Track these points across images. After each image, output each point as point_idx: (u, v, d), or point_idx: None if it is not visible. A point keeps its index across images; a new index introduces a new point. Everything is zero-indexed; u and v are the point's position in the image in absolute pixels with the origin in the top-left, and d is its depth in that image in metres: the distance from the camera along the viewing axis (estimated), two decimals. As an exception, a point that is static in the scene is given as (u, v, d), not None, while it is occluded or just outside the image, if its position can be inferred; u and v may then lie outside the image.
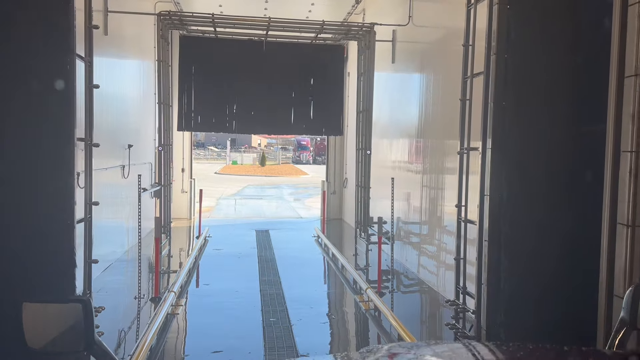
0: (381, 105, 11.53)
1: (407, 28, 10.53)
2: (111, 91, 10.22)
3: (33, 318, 1.93)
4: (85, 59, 5.25)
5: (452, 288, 8.50)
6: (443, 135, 9.04)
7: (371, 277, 9.83)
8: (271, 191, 29.88)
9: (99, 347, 1.95)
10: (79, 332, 1.90)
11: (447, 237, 8.86)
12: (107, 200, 9.91)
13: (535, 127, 4.54)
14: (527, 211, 4.46)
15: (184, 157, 16.48)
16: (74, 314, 1.91)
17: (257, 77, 12.78)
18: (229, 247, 12.40)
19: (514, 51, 4.76)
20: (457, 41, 8.69)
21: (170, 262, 11.00)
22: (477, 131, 5.67)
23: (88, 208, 5.37)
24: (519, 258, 4.50)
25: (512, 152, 4.65)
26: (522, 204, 4.50)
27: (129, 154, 11.16)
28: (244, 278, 9.52)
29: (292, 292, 8.49)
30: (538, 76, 4.62)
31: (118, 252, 10.54)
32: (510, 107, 4.76)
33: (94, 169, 9.02)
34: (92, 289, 5.79)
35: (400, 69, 11.33)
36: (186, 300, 8.04)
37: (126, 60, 11.63)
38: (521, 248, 4.51)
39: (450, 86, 8.71)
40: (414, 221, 10.39)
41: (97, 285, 7.29)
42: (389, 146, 12.01)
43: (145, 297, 8.08)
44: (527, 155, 4.56)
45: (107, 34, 9.48)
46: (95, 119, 9.26)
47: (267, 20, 10.70)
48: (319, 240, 13.26)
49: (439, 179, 9.26)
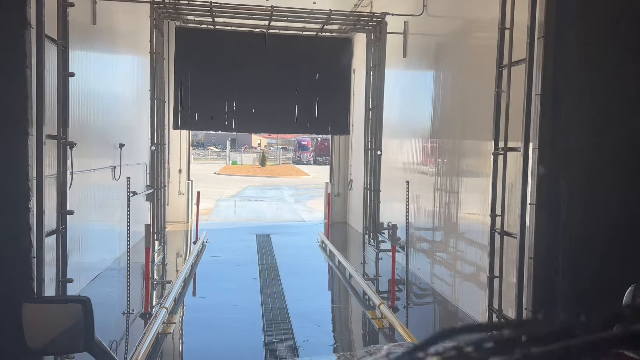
0: (391, 103, 10.75)
1: (421, 19, 9.76)
2: (101, 85, 9.48)
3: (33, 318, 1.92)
4: (58, 42, 4.46)
5: (470, 300, 7.80)
6: (460, 134, 8.31)
7: (381, 288, 9.10)
8: (272, 192, 29.16)
9: (99, 347, 1.92)
10: (79, 332, 1.89)
11: (463, 244, 8.14)
12: (95, 203, 9.19)
13: (598, 122, 3.74)
14: (591, 224, 3.66)
15: (181, 158, 15.70)
16: (74, 314, 1.90)
17: (259, 72, 11.94)
18: (227, 254, 11.61)
19: (568, 32, 3.97)
20: (478, 33, 7.96)
21: (164, 271, 10.22)
22: (515, 129, 4.89)
23: (61, 218, 4.55)
24: (578, 280, 3.71)
25: (568, 153, 3.85)
26: (583, 215, 3.70)
27: (121, 154, 10.40)
28: (243, 290, 8.74)
29: (297, 307, 7.72)
30: (599, 60, 3.83)
31: (108, 260, 9.77)
32: (565, 99, 3.96)
33: (81, 170, 8.38)
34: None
35: (413, 63, 10.54)
36: (180, 316, 7.27)
37: (119, 54, 10.87)
38: (583, 269, 3.71)
39: (468, 82, 7.98)
40: (426, 227, 9.62)
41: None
42: (398, 146, 11.24)
43: (135, 312, 7.30)
44: (589, 156, 3.76)
45: (96, 23, 8.70)
46: (82, 115, 8.62)
47: (269, 9, 9.90)
48: (323, 246, 12.49)
49: (454, 181, 8.51)
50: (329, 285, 9.98)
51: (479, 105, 7.59)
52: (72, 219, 7.96)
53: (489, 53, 7.31)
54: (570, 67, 4.01)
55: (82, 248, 8.69)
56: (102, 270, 9.37)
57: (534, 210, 4.23)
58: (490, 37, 7.45)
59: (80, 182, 8.35)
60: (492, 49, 7.26)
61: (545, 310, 3.83)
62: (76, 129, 8.21)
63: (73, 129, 8.10)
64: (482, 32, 7.81)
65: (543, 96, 4.17)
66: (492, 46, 7.28)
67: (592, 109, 3.81)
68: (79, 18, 8.13)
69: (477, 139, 7.80)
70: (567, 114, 3.88)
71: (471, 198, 7.82)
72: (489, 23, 7.44)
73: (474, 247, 7.74)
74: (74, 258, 8.38)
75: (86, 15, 8.44)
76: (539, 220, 4.18)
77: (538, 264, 4.18)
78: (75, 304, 1.93)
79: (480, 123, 7.53)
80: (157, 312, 6.72)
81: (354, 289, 8.85)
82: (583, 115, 3.88)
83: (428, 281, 9.19)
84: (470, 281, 7.82)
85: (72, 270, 8.12)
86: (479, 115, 7.56)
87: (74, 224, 8.15)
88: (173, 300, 7.41)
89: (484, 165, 7.26)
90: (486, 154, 7.23)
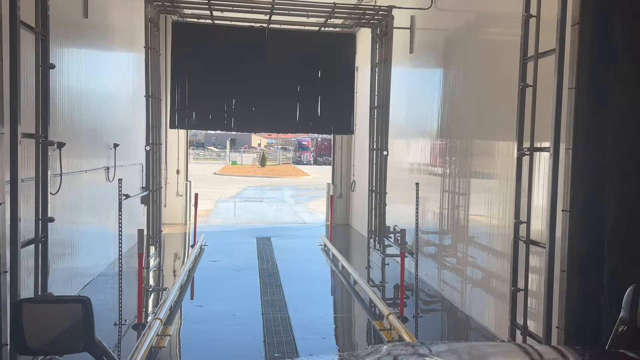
0: (396, 102, 10.30)
1: (429, 12, 9.31)
2: (93, 83, 9.04)
3: (33, 318, 1.92)
4: (37, 29, 4.00)
5: (483, 310, 7.36)
6: (470, 134, 7.90)
7: (387, 294, 8.67)
8: (272, 193, 28.75)
9: (99, 347, 1.94)
10: (79, 332, 1.91)
11: (473, 249, 7.71)
12: (88, 205, 8.75)
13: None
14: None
15: (179, 158, 15.25)
16: (74, 314, 1.91)
17: (259, 69, 11.46)
18: (226, 258, 11.16)
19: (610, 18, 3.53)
20: (492, 27, 7.52)
21: (160, 277, 9.78)
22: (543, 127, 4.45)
23: (41, 226, 4.10)
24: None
25: (610, 154, 3.41)
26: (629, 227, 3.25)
27: (115, 154, 9.97)
28: (243, 297, 8.29)
29: (300, 316, 7.27)
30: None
31: (101, 265, 9.34)
32: (604, 94, 3.52)
33: (71, 172, 7.94)
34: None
35: (420, 60, 10.09)
36: (175, 327, 6.82)
37: (114, 51, 10.44)
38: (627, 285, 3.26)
39: (481, 79, 7.55)
40: (434, 230, 9.18)
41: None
42: (404, 146, 10.80)
43: (128, 322, 6.85)
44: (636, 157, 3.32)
45: (88, 17, 8.25)
46: (73, 113, 8.17)
47: (270, 2, 9.43)
48: (325, 249, 12.05)
49: (463, 182, 8.09)
50: (333, 292, 9.53)
51: (492, 103, 7.16)
52: (63, 223, 7.62)
53: (503, 49, 6.90)
54: (609, 57, 3.57)
55: (74, 253, 8.27)
56: (94, 276, 8.93)
57: (567, 218, 3.78)
58: (504, 33, 7.04)
59: (72, 184, 7.93)
60: (506, 45, 6.86)
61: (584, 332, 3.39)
62: (66, 128, 7.79)
63: (63, 128, 7.74)
64: (496, 27, 7.39)
65: (578, 91, 3.72)
66: (507, 42, 6.88)
67: (638, 104, 3.36)
68: (68, 10, 7.70)
69: (486, 138, 7.38)
70: (607, 110, 3.43)
71: (480, 198, 7.40)
72: (504, 16, 7.03)
73: (486, 253, 7.32)
74: (65, 263, 7.97)
75: (76, 7, 8.00)
76: (574, 229, 3.74)
77: (573, 279, 3.74)
78: (75, 304, 1.94)
79: (493, 122, 7.11)
80: (151, 323, 6.29)
81: (359, 296, 8.41)
82: (626, 111, 3.43)
83: (436, 287, 8.76)
84: (481, 288, 7.40)
85: (62, 277, 7.77)
86: (493, 114, 7.13)
87: (65, 227, 7.79)
88: (169, 309, 6.97)
89: (499, 166, 6.83)
90: (501, 155, 6.80)
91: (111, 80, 10.16)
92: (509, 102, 6.61)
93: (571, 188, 3.73)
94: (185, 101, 11.62)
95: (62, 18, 7.39)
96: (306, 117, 12.10)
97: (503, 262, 6.44)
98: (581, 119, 3.71)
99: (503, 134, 6.69)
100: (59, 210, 7.46)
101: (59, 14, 7.29)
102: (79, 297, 1.95)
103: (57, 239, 7.47)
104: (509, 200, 6.41)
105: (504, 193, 6.54)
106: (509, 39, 6.83)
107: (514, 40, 6.59)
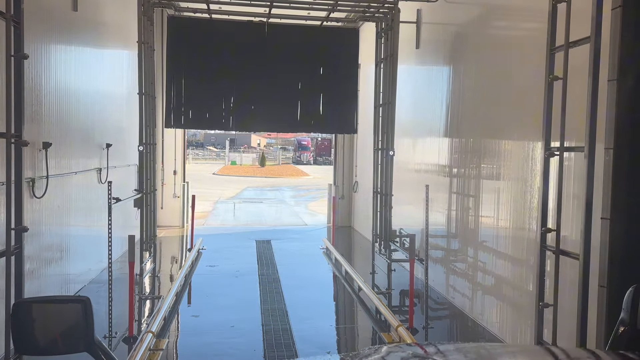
0: (402, 99, 9.85)
1: (437, 6, 8.88)
2: (84, 81, 8.59)
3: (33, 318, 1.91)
4: (7, 15, 3.55)
5: (490, 315, 6.93)
6: (480, 133, 7.48)
7: (394, 302, 8.23)
8: (271, 193, 28.35)
9: (99, 347, 1.93)
10: (79, 332, 1.89)
11: (483, 254, 7.28)
12: (78, 207, 8.32)
13: None
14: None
15: (176, 158, 14.78)
16: (74, 314, 1.90)
17: (258, 65, 10.99)
18: (225, 263, 10.71)
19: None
20: (504, 21, 7.09)
21: (155, 284, 9.35)
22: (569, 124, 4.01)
23: (14, 236, 3.64)
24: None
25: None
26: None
27: (108, 155, 9.53)
28: (242, 306, 7.84)
29: (302, 328, 6.84)
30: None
31: (93, 271, 8.91)
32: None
33: (60, 174, 7.51)
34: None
35: (427, 56, 9.65)
36: (171, 340, 6.38)
37: (107, 48, 9.99)
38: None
39: (492, 75, 7.12)
40: (441, 234, 8.75)
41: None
42: (409, 146, 10.36)
43: (119, 334, 6.42)
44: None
45: (77, 10, 7.81)
46: (61, 113, 7.70)
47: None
48: (327, 253, 11.61)
49: (473, 184, 7.66)
50: (337, 300, 9.08)
51: (505, 100, 6.72)
52: (50, 226, 7.18)
53: (517, 43, 6.48)
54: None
55: (63, 258, 7.84)
56: (86, 282, 8.51)
57: (607, 226, 3.35)
58: (518, 27, 6.62)
59: (60, 186, 7.51)
60: (520, 39, 6.43)
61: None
62: (53, 128, 7.35)
63: (50, 128, 7.30)
64: (509, 21, 6.97)
65: (620, 83, 3.28)
66: (520, 36, 6.45)
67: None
68: (55, 2, 7.26)
69: (497, 137, 6.95)
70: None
71: (491, 199, 6.99)
72: (517, 9, 6.61)
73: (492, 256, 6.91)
74: (54, 270, 7.53)
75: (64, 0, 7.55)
76: (615, 239, 3.30)
77: (613, 296, 3.30)
78: (75, 304, 1.93)
79: (507, 120, 6.68)
80: (143, 336, 5.85)
81: (364, 304, 7.98)
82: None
83: (443, 293, 8.33)
84: (490, 294, 6.97)
85: (51, 284, 7.31)
86: (506, 111, 6.70)
87: (53, 231, 7.36)
88: (162, 320, 6.53)
89: (514, 166, 6.40)
90: (515, 154, 6.37)
91: (104, 78, 9.71)
92: (521, 98, 6.19)
93: (612, 193, 3.29)
94: (182, 99, 11.17)
95: (47, 10, 6.96)
96: (307, 115, 11.65)
97: (522, 270, 6.02)
98: (623, 115, 3.27)
99: (520, 133, 6.27)
100: (46, 213, 7.04)
101: (44, 5, 6.87)
102: (78, 297, 1.93)
103: (45, 243, 7.05)
104: (526, 202, 5.99)
105: (521, 195, 6.11)
106: (523, 33, 6.42)
107: (528, 34, 6.18)
